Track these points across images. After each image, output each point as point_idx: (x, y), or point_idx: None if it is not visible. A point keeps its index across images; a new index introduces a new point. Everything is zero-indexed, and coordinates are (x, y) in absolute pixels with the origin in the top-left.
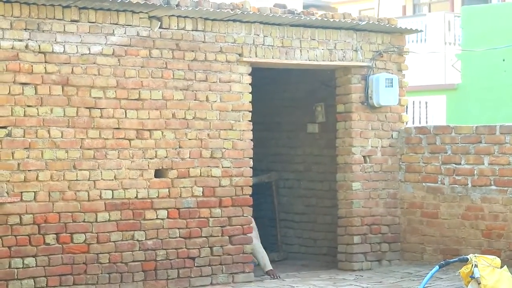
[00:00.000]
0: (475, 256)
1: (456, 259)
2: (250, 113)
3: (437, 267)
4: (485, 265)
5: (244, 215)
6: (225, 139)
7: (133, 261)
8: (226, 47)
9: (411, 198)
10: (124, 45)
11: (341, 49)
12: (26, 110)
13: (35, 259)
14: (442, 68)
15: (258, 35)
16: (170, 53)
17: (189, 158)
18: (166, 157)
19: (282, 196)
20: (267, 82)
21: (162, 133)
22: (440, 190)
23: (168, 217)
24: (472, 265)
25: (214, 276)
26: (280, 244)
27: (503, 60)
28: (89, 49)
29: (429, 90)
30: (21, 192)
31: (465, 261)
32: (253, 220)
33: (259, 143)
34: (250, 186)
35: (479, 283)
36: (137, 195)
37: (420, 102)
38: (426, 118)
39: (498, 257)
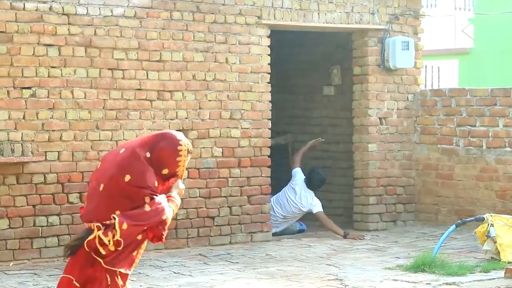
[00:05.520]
0: (491, 215)
1: (473, 218)
2: (269, 75)
3: (453, 226)
4: (501, 224)
5: (263, 175)
6: (244, 101)
7: None
8: (245, 9)
9: (426, 160)
10: (146, 7)
11: (358, 12)
12: (50, 71)
13: (59, 217)
14: (452, 33)
15: None
16: (190, 15)
17: (209, 119)
18: (186, 118)
19: None
20: (284, 44)
21: (183, 94)
22: (455, 152)
23: (188, 177)
24: (488, 224)
25: (233, 235)
26: None
27: None
28: (111, 11)
29: (442, 54)
30: (45, 152)
31: (481, 220)
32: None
33: (275, 105)
34: (268, 147)
35: (494, 242)
36: None
37: (432, 66)
38: (439, 82)
39: None
